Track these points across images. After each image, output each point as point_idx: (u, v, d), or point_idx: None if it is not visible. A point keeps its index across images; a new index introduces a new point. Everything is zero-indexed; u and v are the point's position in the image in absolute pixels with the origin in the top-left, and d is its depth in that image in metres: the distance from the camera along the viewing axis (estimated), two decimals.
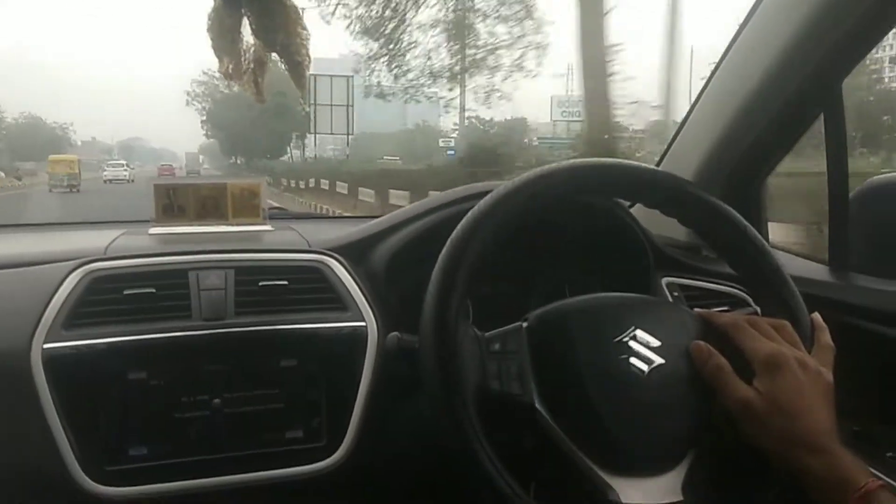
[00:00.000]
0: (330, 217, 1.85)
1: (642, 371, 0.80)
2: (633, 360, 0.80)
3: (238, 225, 1.41)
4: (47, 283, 1.04)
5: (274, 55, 0.99)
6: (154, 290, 1.05)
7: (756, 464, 0.83)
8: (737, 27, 1.33)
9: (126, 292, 1.04)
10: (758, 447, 0.78)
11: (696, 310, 0.90)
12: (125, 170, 40.67)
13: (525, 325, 0.85)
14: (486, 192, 0.85)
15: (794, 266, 1.27)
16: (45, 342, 0.98)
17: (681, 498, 0.76)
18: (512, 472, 0.75)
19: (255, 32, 0.95)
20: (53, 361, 0.97)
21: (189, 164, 54.00)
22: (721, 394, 0.79)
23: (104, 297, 1.04)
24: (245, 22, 0.94)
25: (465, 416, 0.75)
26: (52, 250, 1.18)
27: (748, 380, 0.78)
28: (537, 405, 0.79)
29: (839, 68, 1.22)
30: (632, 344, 0.81)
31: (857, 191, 1.29)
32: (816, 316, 0.87)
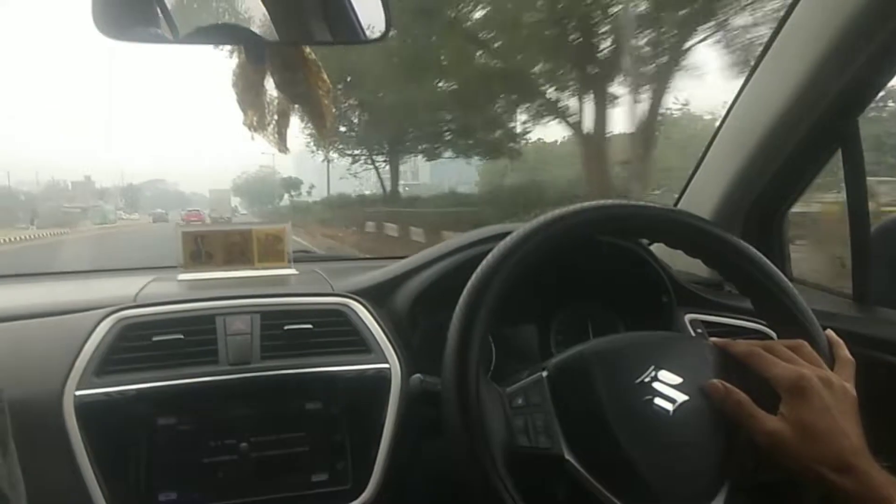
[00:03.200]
0: (354, 258, 1.87)
1: (667, 411, 0.79)
2: (657, 400, 0.80)
3: (264, 269, 1.44)
4: (79, 331, 1.06)
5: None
6: (182, 336, 1.07)
7: (787, 502, 0.83)
8: (752, 63, 1.34)
9: (155, 339, 1.06)
10: (789, 473, 0.77)
11: (713, 339, 0.90)
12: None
13: (545, 374, 0.85)
14: (506, 234, 0.86)
15: (818, 301, 1.27)
16: (77, 389, 1.00)
17: None
18: None
19: (278, 86, 0.98)
20: (85, 408, 0.99)
21: (216, 206, 41.56)
22: (748, 428, 0.79)
23: (134, 345, 1.06)
24: (268, 76, 0.97)
25: (494, 475, 0.75)
26: (83, 299, 1.21)
27: (772, 408, 0.78)
28: (567, 456, 0.79)
29: (855, 103, 1.23)
30: (654, 385, 0.81)
31: (879, 226, 1.29)
32: (830, 332, 0.87)
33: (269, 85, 0.98)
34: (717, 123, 1.46)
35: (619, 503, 0.76)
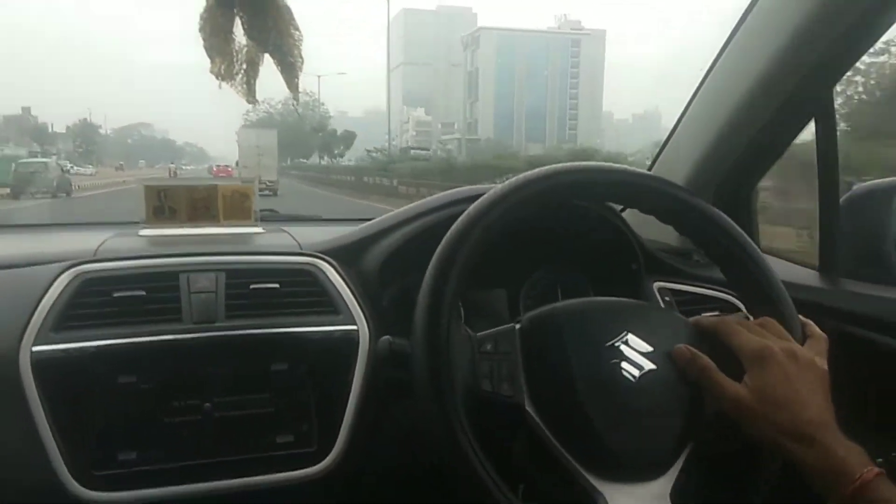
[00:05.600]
0: (322, 220, 1.84)
1: (633, 376, 0.80)
2: (624, 364, 0.80)
3: (229, 227, 1.41)
4: (36, 285, 1.03)
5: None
6: (144, 293, 1.04)
7: (745, 471, 0.84)
8: (728, 31, 1.33)
9: (116, 294, 1.03)
10: (750, 441, 0.78)
11: (690, 319, 0.90)
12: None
13: (518, 326, 0.85)
14: (478, 196, 0.85)
15: (784, 271, 1.28)
16: (34, 345, 0.97)
17: None
18: (501, 474, 0.75)
19: (247, 33, 0.94)
20: (42, 364, 0.96)
21: (248, 160, 26.52)
22: (710, 393, 0.80)
23: (94, 300, 1.03)
24: (237, 22, 0.94)
25: (456, 420, 0.75)
26: (41, 252, 1.17)
27: (737, 378, 0.79)
28: (527, 407, 0.79)
29: (830, 74, 1.23)
30: (623, 349, 0.81)
31: (847, 196, 1.30)
32: (800, 318, 0.88)
33: (239, 32, 0.94)
34: (692, 91, 1.46)
35: (574, 461, 0.77)
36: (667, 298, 1.28)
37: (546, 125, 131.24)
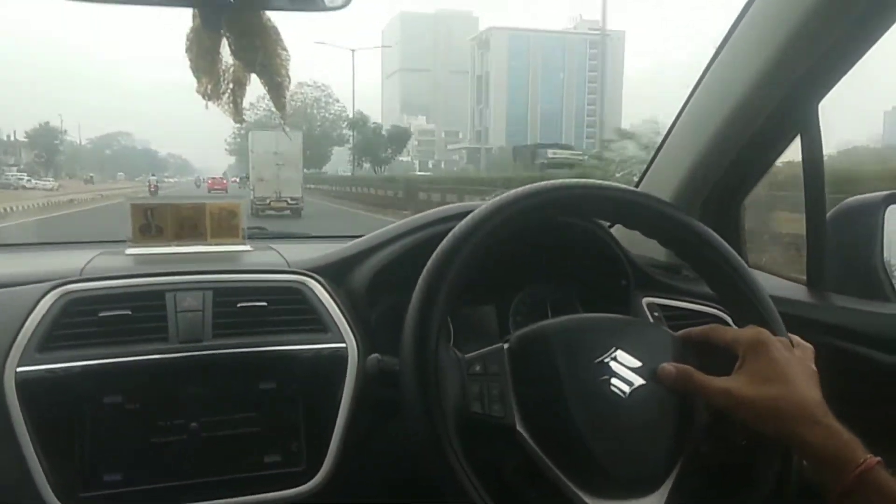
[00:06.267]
0: (310, 237, 1.84)
1: (623, 392, 0.80)
2: (613, 381, 0.80)
3: (217, 245, 1.40)
4: (21, 305, 1.02)
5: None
6: (130, 312, 1.04)
7: (739, 486, 0.84)
8: (714, 48, 1.35)
9: (101, 314, 1.03)
10: (755, 433, 0.78)
11: (679, 332, 0.90)
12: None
13: (506, 346, 0.85)
14: (466, 213, 0.85)
15: (772, 286, 1.28)
16: (19, 365, 0.96)
17: None
18: (493, 494, 0.75)
19: (234, 53, 0.94)
20: (27, 385, 0.95)
21: (265, 173, 21.06)
22: (701, 395, 0.80)
23: (79, 320, 1.02)
24: (224, 42, 0.94)
25: (445, 439, 0.75)
26: (26, 271, 1.16)
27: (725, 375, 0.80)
28: (518, 427, 0.79)
29: (816, 90, 1.24)
30: (613, 365, 0.81)
31: (834, 212, 1.31)
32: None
33: (226, 52, 0.94)
34: (679, 107, 1.46)
35: (567, 479, 0.77)
36: (655, 314, 1.28)
37: (562, 132, 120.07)
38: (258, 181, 20.64)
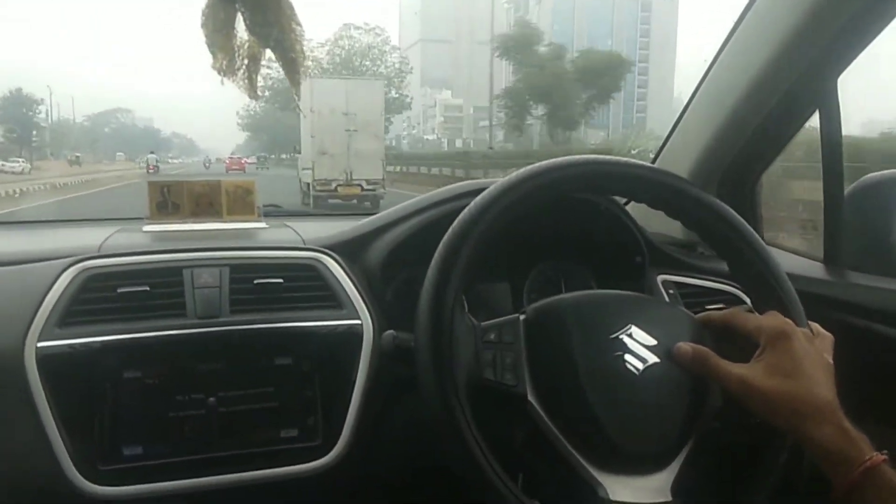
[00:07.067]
0: (325, 214, 1.85)
1: (637, 369, 0.80)
2: (627, 357, 0.80)
3: (233, 222, 1.41)
4: (41, 282, 1.03)
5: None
6: (148, 288, 1.05)
7: (749, 467, 0.84)
8: (731, 24, 1.33)
9: (120, 290, 1.04)
10: (765, 422, 0.78)
11: (700, 315, 0.89)
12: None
13: (522, 317, 0.85)
14: (482, 189, 0.85)
15: (789, 263, 1.28)
16: (39, 341, 0.97)
17: (670, 499, 0.76)
18: (502, 463, 0.75)
19: (249, 28, 0.94)
20: (47, 360, 0.97)
21: (336, 155, 15.25)
22: (716, 380, 0.80)
23: (98, 296, 1.03)
24: (239, 17, 0.93)
25: (459, 410, 0.75)
26: (46, 248, 1.18)
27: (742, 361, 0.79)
28: (530, 397, 0.79)
29: (834, 64, 1.22)
30: (627, 341, 0.81)
31: (852, 188, 1.29)
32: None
33: (241, 27, 0.94)
34: (697, 83, 1.45)
35: (576, 452, 0.77)
36: (671, 291, 1.28)
37: (610, 107, 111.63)
38: (319, 155, 15.02)
